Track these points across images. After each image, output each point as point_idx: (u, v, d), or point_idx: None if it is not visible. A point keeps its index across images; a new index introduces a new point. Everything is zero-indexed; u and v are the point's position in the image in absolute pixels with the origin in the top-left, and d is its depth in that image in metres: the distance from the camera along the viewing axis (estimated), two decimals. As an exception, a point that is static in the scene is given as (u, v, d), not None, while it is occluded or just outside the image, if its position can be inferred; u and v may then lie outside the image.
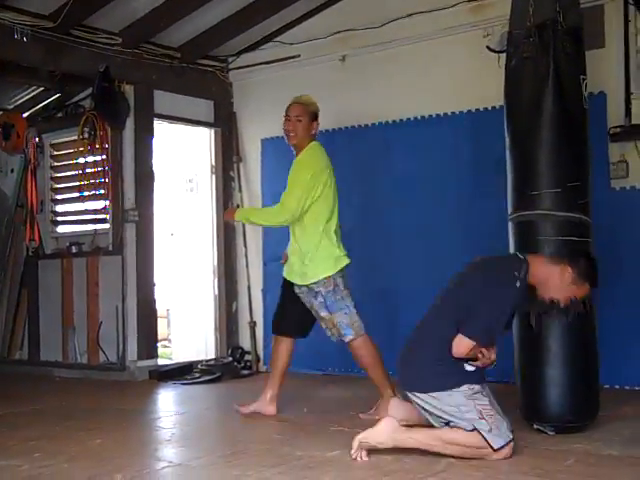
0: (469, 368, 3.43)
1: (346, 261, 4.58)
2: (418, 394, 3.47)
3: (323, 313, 4.44)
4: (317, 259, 4.46)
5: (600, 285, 4.03)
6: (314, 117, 4.56)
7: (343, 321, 4.43)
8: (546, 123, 3.96)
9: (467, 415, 3.34)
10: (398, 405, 3.73)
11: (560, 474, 3.11)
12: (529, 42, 3.97)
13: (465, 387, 3.38)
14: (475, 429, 3.32)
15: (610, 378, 4.85)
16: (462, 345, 3.38)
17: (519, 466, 3.23)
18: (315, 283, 4.43)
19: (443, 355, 3.42)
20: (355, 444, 3.41)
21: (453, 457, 3.32)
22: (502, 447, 3.31)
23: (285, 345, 4.61)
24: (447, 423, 3.42)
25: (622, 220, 5.07)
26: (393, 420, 3.44)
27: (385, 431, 3.39)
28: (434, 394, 3.42)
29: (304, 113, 4.52)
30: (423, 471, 3.18)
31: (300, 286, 4.49)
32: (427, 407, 3.46)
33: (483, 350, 3.41)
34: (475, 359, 3.43)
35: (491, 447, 3.30)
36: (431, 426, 3.49)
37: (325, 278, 4.44)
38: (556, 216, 3.89)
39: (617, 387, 5.02)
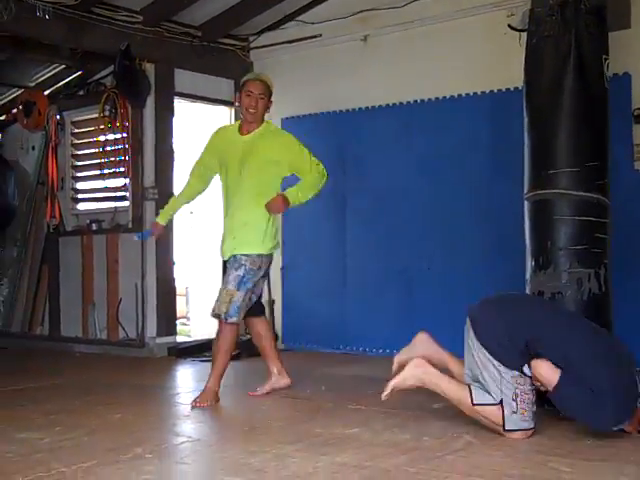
0: (527, 372, 3.38)
1: (278, 248, 4.62)
2: (477, 341, 3.42)
3: (231, 286, 4.28)
4: (265, 235, 4.39)
5: (620, 267, 4.04)
6: (271, 96, 4.54)
7: (239, 302, 4.30)
8: (566, 102, 3.93)
9: (504, 389, 3.34)
10: (426, 340, 3.91)
11: (579, 454, 3.11)
12: (551, 20, 3.94)
13: (517, 373, 3.36)
14: (501, 404, 3.32)
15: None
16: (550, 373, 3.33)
17: (539, 446, 3.23)
18: (248, 256, 4.32)
19: (518, 339, 3.36)
20: (387, 390, 3.62)
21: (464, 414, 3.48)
22: (514, 430, 3.33)
23: (261, 324, 4.62)
24: (476, 381, 3.43)
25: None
26: (421, 362, 3.60)
27: (412, 372, 3.57)
28: (489, 356, 3.38)
29: (266, 92, 4.49)
30: (442, 449, 3.19)
31: (228, 259, 4.37)
32: (474, 357, 3.44)
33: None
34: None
35: (503, 427, 3.32)
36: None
37: (258, 255, 4.37)
38: (573, 195, 3.87)
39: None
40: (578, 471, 2.87)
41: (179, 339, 6.62)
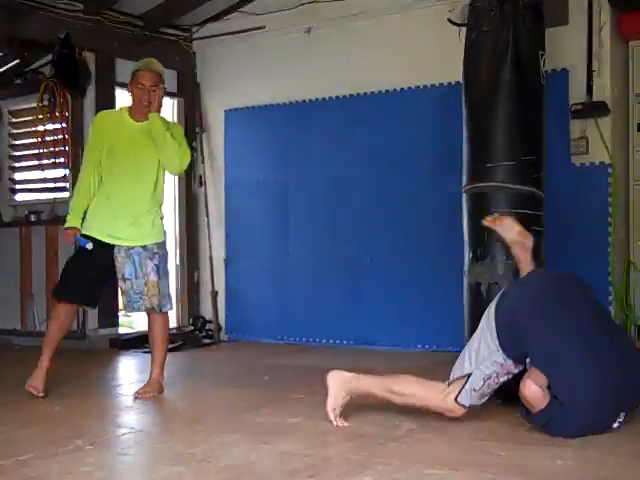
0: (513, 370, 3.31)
1: None
2: (494, 315, 3.28)
3: (153, 277, 4.23)
4: (160, 221, 4.36)
5: (555, 258, 4.14)
6: (164, 83, 4.34)
7: (166, 290, 4.30)
8: (503, 97, 3.98)
9: (482, 367, 3.27)
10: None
11: (517, 438, 3.18)
12: (490, 15, 3.99)
13: (508, 362, 3.26)
14: (466, 378, 3.28)
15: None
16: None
17: (479, 433, 3.28)
18: (159, 244, 4.30)
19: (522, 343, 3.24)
20: (330, 415, 3.41)
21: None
22: (462, 406, 3.30)
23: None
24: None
25: (581, 196, 5.16)
26: (337, 372, 3.48)
27: (336, 386, 3.44)
28: (495, 333, 3.24)
29: (160, 81, 4.26)
30: (384, 437, 3.22)
31: (134, 247, 4.22)
32: (482, 322, 3.33)
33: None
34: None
35: (456, 397, 3.29)
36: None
37: (164, 241, 4.36)
38: (509, 189, 3.94)
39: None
40: (515, 455, 2.93)
41: (121, 331, 6.55)
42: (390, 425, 3.42)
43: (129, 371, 5.51)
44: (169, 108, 6.89)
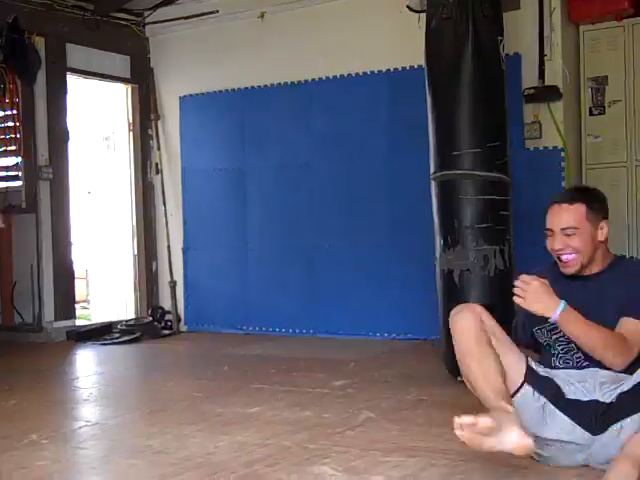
0: None
1: None
2: None
3: None
4: None
5: (516, 242, 4.18)
6: None
7: None
8: (465, 84, 4.01)
9: None
10: None
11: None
12: (449, 3, 4.00)
13: None
14: None
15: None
16: None
17: (435, 419, 3.31)
18: None
19: None
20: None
21: None
22: None
23: None
24: None
25: (535, 180, 5.21)
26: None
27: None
28: None
29: None
30: (342, 425, 3.24)
31: None
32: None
33: None
34: None
35: None
36: None
37: None
38: (476, 176, 3.97)
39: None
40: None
41: (79, 323, 6.46)
42: (348, 413, 3.43)
43: (86, 364, 5.45)
44: (122, 95, 6.80)
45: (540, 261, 5.26)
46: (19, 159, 6.22)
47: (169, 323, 6.57)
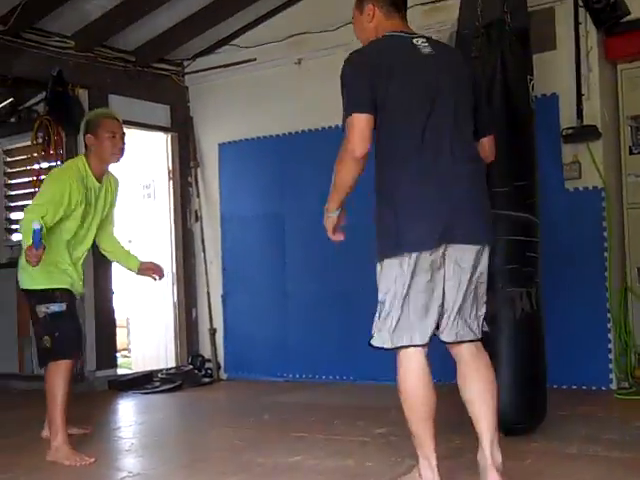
0: None
1: None
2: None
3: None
4: None
5: (551, 285, 4.10)
6: None
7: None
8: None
9: None
10: None
11: (519, 473, 3.14)
12: (477, 42, 4.00)
13: None
14: None
15: (564, 378, 4.95)
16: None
17: (477, 468, 3.24)
18: None
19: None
20: None
21: None
22: None
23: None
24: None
25: (575, 221, 5.14)
26: None
27: None
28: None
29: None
30: (385, 474, 3.19)
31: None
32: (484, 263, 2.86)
33: None
34: None
35: None
36: None
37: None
38: (504, 215, 3.90)
39: (573, 387, 5.08)
40: None
41: (120, 372, 6.49)
42: (392, 462, 3.38)
43: (128, 413, 5.45)
44: (162, 143, 6.91)
45: (577, 304, 5.18)
46: (62, 210, 6.32)
47: (209, 371, 6.56)
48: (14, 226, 6.91)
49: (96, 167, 4.05)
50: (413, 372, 2.78)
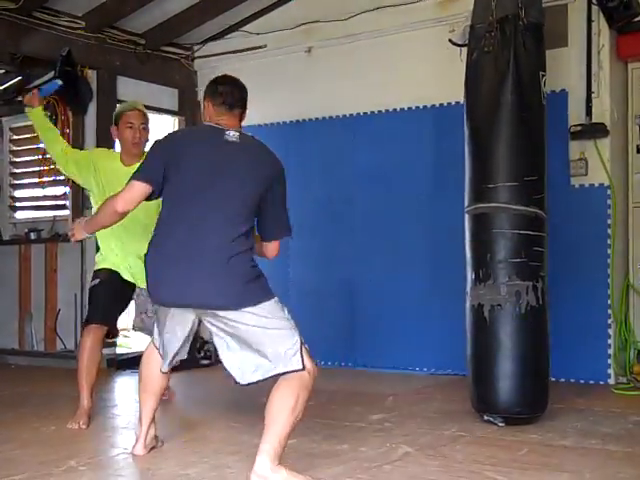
0: None
1: None
2: (250, 309, 3.01)
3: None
4: None
5: (553, 279, 4.11)
6: (149, 123, 4.30)
7: None
8: (504, 117, 3.98)
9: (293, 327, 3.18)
10: None
11: (514, 463, 3.15)
12: (490, 36, 4.00)
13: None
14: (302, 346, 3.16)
15: (563, 372, 4.97)
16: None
17: (474, 455, 3.26)
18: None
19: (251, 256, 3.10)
20: None
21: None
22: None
23: None
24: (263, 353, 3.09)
25: (580, 218, 5.14)
26: None
27: None
28: (266, 304, 3.09)
29: (146, 120, 4.25)
30: (379, 460, 3.20)
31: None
32: (257, 323, 3.05)
33: None
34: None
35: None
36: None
37: None
38: (512, 209, 3.92)
39: (572, 381, 5.11)
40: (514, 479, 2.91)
41: (119, 351, 6.51)
42: (386, 447, 3.39)
43: (125, 391, 5.46)
44: (170, 126, 6.91)
45: (578, 299, 5.21)
46: (67, 189, 6.35)
47: (208, 353, 6.57)
48: (18, 204, 6.93)
49: (124, 157, 4.20)
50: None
